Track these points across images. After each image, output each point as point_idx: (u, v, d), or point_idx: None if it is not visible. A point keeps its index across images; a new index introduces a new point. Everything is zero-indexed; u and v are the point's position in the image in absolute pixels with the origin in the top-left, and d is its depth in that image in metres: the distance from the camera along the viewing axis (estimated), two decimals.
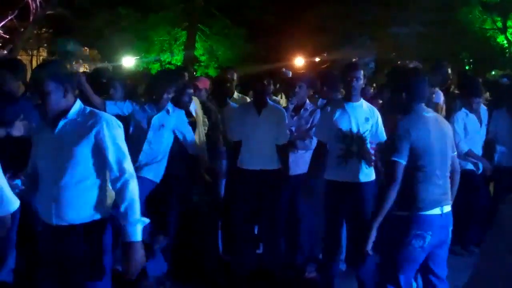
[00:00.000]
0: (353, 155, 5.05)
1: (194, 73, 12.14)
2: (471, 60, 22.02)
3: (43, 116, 3.44)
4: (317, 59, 25.09)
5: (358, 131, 5.09)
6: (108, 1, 22.71)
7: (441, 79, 6.84)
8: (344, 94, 5.50)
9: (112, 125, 3.40)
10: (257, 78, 5.96)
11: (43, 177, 3.42)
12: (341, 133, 5.09)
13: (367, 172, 5.07)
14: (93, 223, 3.38)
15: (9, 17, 20.98)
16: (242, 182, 5.83)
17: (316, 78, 6.61)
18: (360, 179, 5.01)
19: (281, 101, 8.11)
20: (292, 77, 6.86)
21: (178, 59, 24.94)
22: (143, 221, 3.34)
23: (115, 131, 3.40)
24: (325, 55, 25.07)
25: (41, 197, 3.43)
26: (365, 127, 5.13)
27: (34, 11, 21.11)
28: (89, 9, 21.97)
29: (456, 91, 7.28)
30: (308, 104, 6.06)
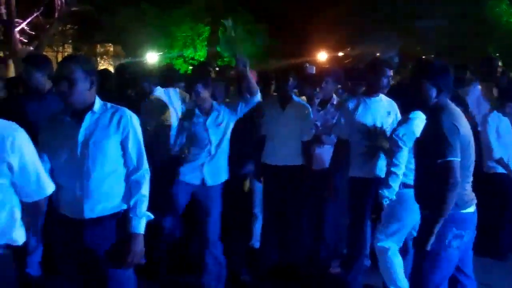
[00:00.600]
0: (378, 150, 5.03)
1: (216, 68, 12.16)
2: (497, 54, 21.72)
3: (66, 109, 3.45)
4: (340, 54, 25.00)
5: (381, 126, 5.07)
6: None
7: (489, 72, 6.78)
8: (365, 89, 5.47)
9: (135, 119, 3.53)
10: (281, 73, 5.96)
11: (67, 172, 3.42)
12: (364, 129, 5.06)
13: None
14: (121, 213, 3.49)
15: (35, 14, 21.21)
16: (266, 177, 5.85)
17: (341, 72, 6.58)
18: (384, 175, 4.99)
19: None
20: (318, 71, 6.83)
21: (201, 54, 24.98)
22: (148, 216, 3.49)
23: (138, 125, 3.53)
24: (348, 50, 24.97)
25: (67, 192, 3.43)
26: (387, 121, 5.11)
27: (59, 8, 21.32)
28: (113, 5, 22.10)
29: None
30: (334, 98, 6.05)
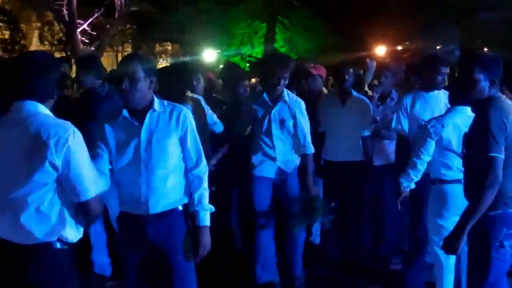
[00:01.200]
0: None
1: None
2: None
3: (126, 107, 3.51)
4: (399, 48, 24.62)
5: None
6: None
7: None
8: (422, 84, 5.38)
9: (191, 116, 3.62)
10: (340, 68, 5.92)
11: (131, 170, 3.50)
12: None
13: None
14: (182, 207, 3.60)
15: (96, 15, 21.66)
16: (326, 173, 5.83)
17: (401, 67, 6.49)
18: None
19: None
20: (377, 66, 6.77)
21: (258, 51, 25.01)
22: (211, 208, 3.61)
23: (193, 122, 3.62)
24: (407, 44, 24.56)
25: (131, 189, 3.52)
26: None
27: (119, 8, 21.70)
28: (172, 4, 22.35)
29: None
30: (394, 93, 5.98)
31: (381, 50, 23.55)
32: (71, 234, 2.97)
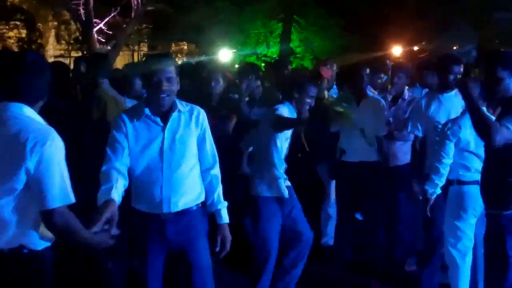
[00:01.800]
0: None
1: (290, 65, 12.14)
2: None
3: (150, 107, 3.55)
4: (415, 48, 24.48)
5: None
6: None
7: None
8: (438, 84, 5.36)
9: (205, 114, 3.67)
10: (355, 68, 5.91)
11: (153, 169, 3.54)
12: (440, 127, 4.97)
13: None
14: (199, 205, 3.67)
15: (112, 14, 21.78)
16: (342, 174, 5.82)
17: (413, 67, 6.48)
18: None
19: None
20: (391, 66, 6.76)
21: (273, 51, 25.01)
22: (226, 204, 3.73)
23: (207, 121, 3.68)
24: (423, 44, 24.43)
25: (153, 188, 3.55)
26: None
27: (135, 8, 21.80)
28: (187, 3, 22.41)
29: None
30: (406, 94, 5.96)
31: (397, 50, 23.41)
32: (34, 242, 2.84)
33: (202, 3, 22.69)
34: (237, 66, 16.57)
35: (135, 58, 28.54)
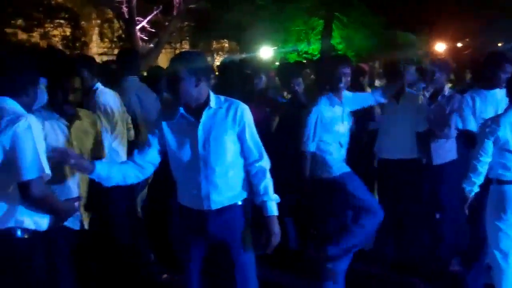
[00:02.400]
0: None
1: None
2: None
3: (181, 105, 3.57)
4: (459, 45, 24.12)
5: None
6: None
7: None
8: (483, 81, 5.27)
9: (248, 111, 3.63)
10: (394, 65, 5.85)
11: (190, 167, 3.56)
12: None
13: None
14: (244, 201, 3.66)
15: (155, 12, 22.01)
16: (382, 172, 5.77)
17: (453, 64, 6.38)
18: None
19: None
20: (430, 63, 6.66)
21: (314, 48, 24.94)
22: (277, 198, 3.62)
23: (251, 117, 3.64)
24: (467, 40, 24.06)
25: (191, 186, 3.58)
26: None
27: (177, 6, 21.98)
28: (229, 1, 22.50)
29: None
30: (446, 90, 5.87)
31: (440, 47, 23.09)
32: (28, 220, 3.13)
33: (243, 1, 22.76)
34: (277, 63, 16.59)
35: None
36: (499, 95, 5.02)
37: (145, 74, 7.63)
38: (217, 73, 7.75)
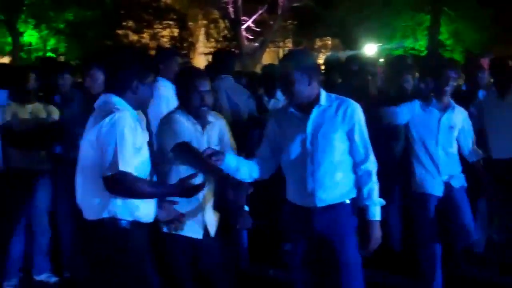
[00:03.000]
0: None
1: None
2: None
3: (291, 102, 3.62)
4: None
5: None
6: None
7: None
8: None
9: (360, 110, 3.61)
10: (500, 62, 5.63)
11: (298, 164, 3.58)
12: None
13: None
14: (351, 201, 3.62)
15: (260, 12, 22.26)
16: (489, 172, 5.57)
17: None
18: None
19: None
20: None
21: (421, 44, 24.36)
22: (381, 202, 3.57)
23: (362, 116, 3.61)
24: None
25: (299, 183, 3.61)
26: None
27: (282, 4, 22.13)
28: None
29: None
30: None
31: None
32: (123, 210, 3.15)
33: None
34: (382, 60, 16.32)
35: (280, 54, 28.97)
36: None
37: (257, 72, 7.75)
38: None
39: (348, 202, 3.61)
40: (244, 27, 22.11)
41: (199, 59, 25.77)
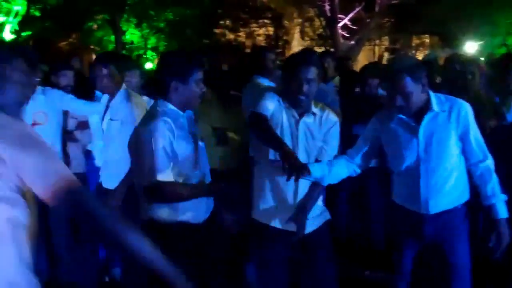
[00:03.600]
0: None
1: None
2: None
3: (402, 111, 3.48)
4: None
5: None
6: None
7: None
8: None
9: (471, 111, 3.48)
10: None
11: (410, 170, 3.51)
12: None
13: None
14: (464, 204, 3.56)
15: (357, 9, 22.03)
16: None
17: None
18: None
19: None
20: None
21: None
22: (504, 197, 3.45)
23: (473, 116, 3.48)
24: None
25: (412, 189, 3.53)
26: None
27: (379, 2, 21.81)
28: None
29: None
30: None
31: None
32: (167, 212, 3.24)
33: None
34: (482, 58, 15.76)
35: (376, 52, 28.59)
36: None
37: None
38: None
39: (460, 205, 3.55)
40: (340, 25, 21.95)
41: None
